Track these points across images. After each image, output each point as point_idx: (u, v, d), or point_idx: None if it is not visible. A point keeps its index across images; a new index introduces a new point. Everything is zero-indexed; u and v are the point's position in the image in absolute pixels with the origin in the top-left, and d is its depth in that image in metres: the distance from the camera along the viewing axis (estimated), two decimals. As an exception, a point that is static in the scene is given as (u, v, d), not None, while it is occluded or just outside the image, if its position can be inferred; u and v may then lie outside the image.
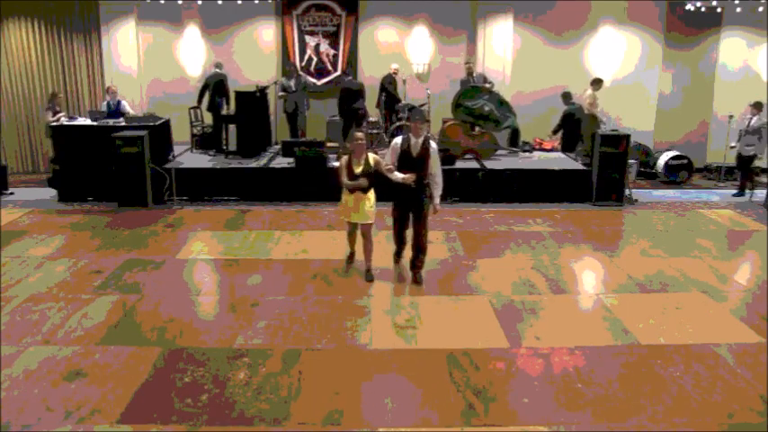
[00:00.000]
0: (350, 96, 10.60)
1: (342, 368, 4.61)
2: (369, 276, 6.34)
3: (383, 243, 7.12)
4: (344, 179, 6.10)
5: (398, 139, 6.08)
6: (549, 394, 4.29)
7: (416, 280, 6.26)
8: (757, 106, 10.17)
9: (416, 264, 6.28)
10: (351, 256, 6.73)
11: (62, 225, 8.36)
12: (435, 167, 6.05)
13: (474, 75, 11.24)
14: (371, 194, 6.20)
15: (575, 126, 11.03)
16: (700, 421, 3.99)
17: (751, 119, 10.24)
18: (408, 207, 6.14)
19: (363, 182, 6.05)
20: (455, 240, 7.74)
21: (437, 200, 6.15)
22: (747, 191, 10.34)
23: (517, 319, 5.49)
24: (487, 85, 10.90)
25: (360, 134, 6.12)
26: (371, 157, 6.11)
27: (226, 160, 10.25)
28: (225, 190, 9.75)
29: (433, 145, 6.07)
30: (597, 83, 10.95)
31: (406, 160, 5.97)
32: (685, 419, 4.00)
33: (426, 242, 6.21)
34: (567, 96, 11.18)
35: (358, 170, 6.05)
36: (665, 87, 12.54)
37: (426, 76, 12.60)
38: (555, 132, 11.26)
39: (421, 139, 5.96)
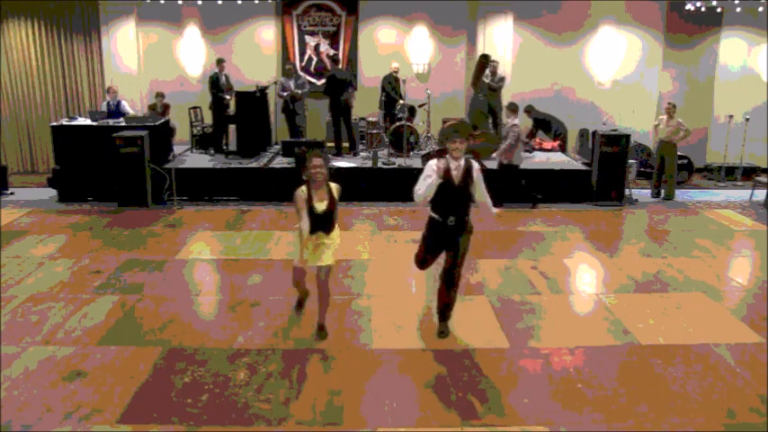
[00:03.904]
0: (336, 86, 10.39)
1: (342, 368, 4.61)
2: (322, 334, 5.03)
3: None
4: (304, 223, 4.64)
5: (433, 162, 4.77)
6: (549, 394, 4.28)
7: (442, 331, 5.11)
8: (510, 107, 9.32)
9: (446, 312, 5.13)
10: (301, 302, 5.32)
11: (62, 225, 8.36)
12: (482, 195, 4.96)
13: (496, 75, 11.03)
14: (336, 235, 4.93)
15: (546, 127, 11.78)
16: (700, 421, 3.98)
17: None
18: (442, 243, 5.03)
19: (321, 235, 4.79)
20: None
21: (493, 209, 5.11)
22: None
23: (517, 319, 5.49)
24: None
25: (318, 159, 4.64)
26: (333, 187, 4.80)
27: (226, 160, 10.26)
28: (225, 190, 9.75)
29: (476, 167, 4.86)
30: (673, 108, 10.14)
31: (446, 191, 4.75)
32: (685, 419, 4.00)
33: (459, 281, 5.11)
34: (530, 110, 11.65)
35: (321, 207, 4.72)
36: (665, 87, 12.54)
37: (426, 76, 12.60)
38: (532, 136, 11.75)
39: (462, 162, 4.75)
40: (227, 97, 10.86)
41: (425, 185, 4.76)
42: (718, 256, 7.39)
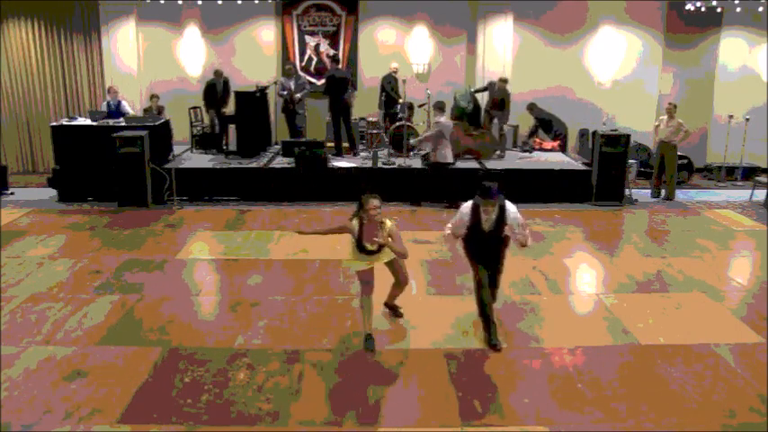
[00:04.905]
0: (336, 86, 10.35)
1: (342, 368, 4.61)
2: (370, 344, 4.88)
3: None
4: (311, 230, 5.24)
5: (467, 208, 5.04)
6: (549, 394, 4.29)
7: (496, 347, 4.95)
8: (436, 106, 9.23)
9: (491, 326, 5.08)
10: (371, 338, 4.93)
11: (62, 225, 8.36)
12: (518, 229, 5.04)
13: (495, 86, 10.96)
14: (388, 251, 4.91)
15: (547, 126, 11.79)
16: (700, 421, 3.99)
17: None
18: (484, 260, 5.17)
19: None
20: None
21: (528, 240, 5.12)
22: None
23: (517, 319, 5.49)
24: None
25: (375, 201, 4.64)
26: (388, 225, 4.75)
27: (226, 160, 10.26)
28: (225, 190, 9.75)
29: (511, 209, 4.99)
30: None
31: (477, 235, 5.06)
32: (685, 419, 4.00)
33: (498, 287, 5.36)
34: (532, 108, 11.69)
35: (371, 247, 4.78)
36: (664, 87, 12.53)
37: (426, 76, 12.60)
38: (532, 135, 11.80)
39: (494, 215, 4.96)
40: (223, 110, 11.02)
41: (455, 222, 5.18)
42: (718, 256, 7.39)
